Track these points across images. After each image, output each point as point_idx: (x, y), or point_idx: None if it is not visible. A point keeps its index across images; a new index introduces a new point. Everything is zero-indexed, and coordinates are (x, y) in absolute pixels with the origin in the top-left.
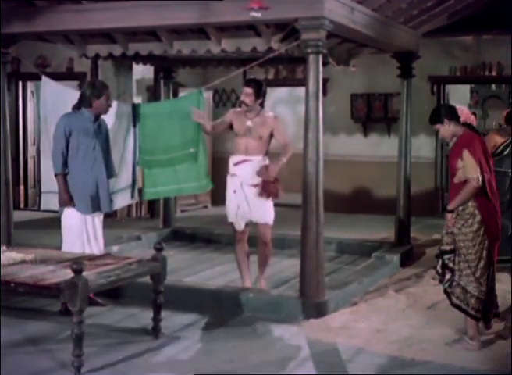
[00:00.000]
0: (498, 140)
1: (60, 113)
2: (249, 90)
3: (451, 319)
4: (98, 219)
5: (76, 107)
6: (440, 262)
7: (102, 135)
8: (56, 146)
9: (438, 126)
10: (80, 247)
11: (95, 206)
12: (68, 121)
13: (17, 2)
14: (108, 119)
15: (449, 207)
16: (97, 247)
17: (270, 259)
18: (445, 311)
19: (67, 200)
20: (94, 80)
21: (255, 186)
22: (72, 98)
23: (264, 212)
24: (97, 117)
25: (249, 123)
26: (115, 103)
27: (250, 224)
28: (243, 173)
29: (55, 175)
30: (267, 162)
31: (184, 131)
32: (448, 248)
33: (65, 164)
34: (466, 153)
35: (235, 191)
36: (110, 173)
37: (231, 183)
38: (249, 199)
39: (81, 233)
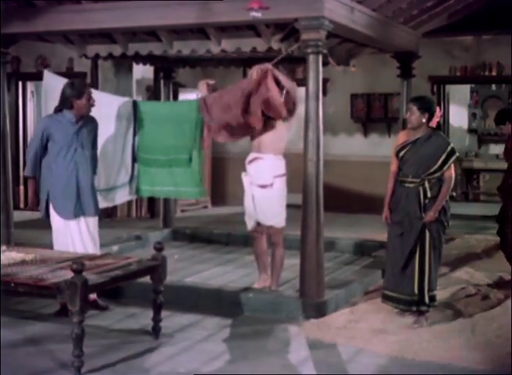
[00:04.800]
0: (401, 140)
1: None
2: None
3: (451, 318)
4: (85, 223)
5: (58, 109)
6: None
7: (87, 136)
8: (30, 148)
9: (502, 126)
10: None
11: (77, 211)
12: (48, 123)
13: (17, 2)
14: (110, 113)
15: None
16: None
17: (281, 261)
18: (445, 310)
19: (33, 203)
20: (73, 80)
21: (263, 187)
22: None
23: (271, 214)
24: (80, 118)
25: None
26: (116, 97)
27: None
28: (253, 173)
29: (27, 177)
30: (281, 161)
31: (182, 136)
32: None
33: (39, 167)
34: None
35: (246, 190)
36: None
37: (245, 182)
38: (256, 200)
39: (65, 237)
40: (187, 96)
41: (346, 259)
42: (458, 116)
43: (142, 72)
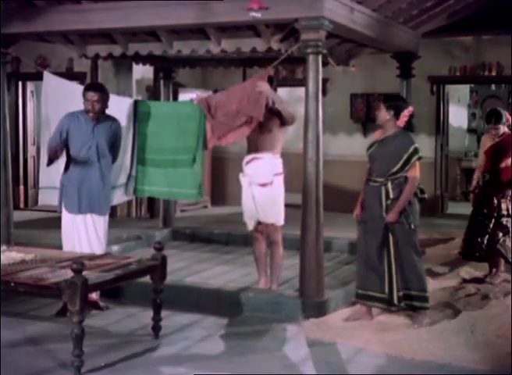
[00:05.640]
0: (374, 138)
1: (61, 107)
2: None
3: (451, 318)
4: (91, 220)
5: None
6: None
7: (104, 135)
8: (50, 143)
9: (499, 126)
10: (69, 247)
11: (83, 207)
12: (67, 121)
13: (17, 2)
14: (112, 114)
15: None
16: (89, 249)
17: (280, 261)
18: (444, 310)
19: None
20: (90, 82)
21: (263, 185)
22: (74, 92)
23: (272, 212)
24: (97, 117)
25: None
26: (117, 98)
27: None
28: (252, 172)
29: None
30: (279, 160)
31: (183, 136)
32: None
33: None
34: None
35: (245, 191)
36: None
37: (243, 183)
38: (256, 199)
39: (71, 232)
40: (187, 96)
41: (346, 259)
42: (458, 115)
43: (142, 72)
